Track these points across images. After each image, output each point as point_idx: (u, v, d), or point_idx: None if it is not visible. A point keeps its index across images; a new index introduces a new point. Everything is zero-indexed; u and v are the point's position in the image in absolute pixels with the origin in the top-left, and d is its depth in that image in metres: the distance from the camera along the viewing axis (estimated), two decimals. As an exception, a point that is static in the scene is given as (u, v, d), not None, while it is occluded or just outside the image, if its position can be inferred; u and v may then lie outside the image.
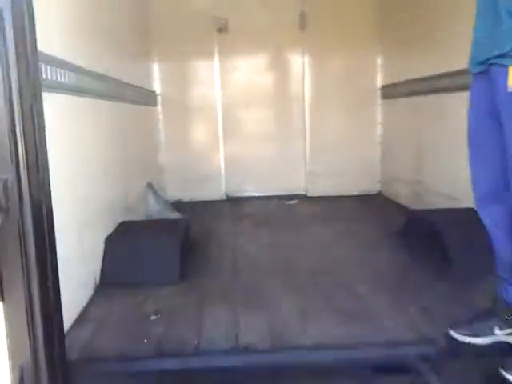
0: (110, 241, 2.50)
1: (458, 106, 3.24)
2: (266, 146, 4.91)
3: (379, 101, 4.79)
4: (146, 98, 4.20)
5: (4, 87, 1.24)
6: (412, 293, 2.21)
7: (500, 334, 1.65)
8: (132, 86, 3.54)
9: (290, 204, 4.58)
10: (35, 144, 1.36)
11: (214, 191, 4.82)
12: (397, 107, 4.43)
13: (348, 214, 4.08)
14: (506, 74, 1.40)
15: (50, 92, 1.84)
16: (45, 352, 1.39)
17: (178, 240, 2.54)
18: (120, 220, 2.92)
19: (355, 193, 4.85)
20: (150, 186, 3.90)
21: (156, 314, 2.05)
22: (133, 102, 3.55)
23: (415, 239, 2.96)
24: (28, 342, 1.35)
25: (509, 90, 1.40)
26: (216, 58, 4.69)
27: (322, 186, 4.88)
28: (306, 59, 4.72)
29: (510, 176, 1.49)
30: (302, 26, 4.64)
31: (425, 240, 2.84)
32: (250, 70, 4.78)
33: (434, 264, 2.55)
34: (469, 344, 1.68)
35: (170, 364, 1.66)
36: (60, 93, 2.01)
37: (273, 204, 4.57)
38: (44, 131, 1.40)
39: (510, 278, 1.62)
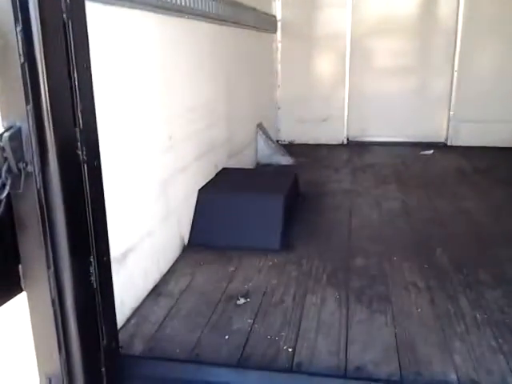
0: (203, 194, 2.09)
1: None
2: (399, 82, 4.11)
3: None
4: (264, 22, 3.62)
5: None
6: None
7: None
8: (248, 7, 2.98)
9: (425, 154, 3.80)
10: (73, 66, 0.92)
11: (334, 133, 4.20)
12: None
13: (499, 173, 3.23)
14: None
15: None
16: (82, 358, 1.03)
17: (283, 200, 2.05)
18: (223, 165, 2.53)
19: (509, 145, 3.90)
20: (260, 126, 3.43)
21: (245, 298, 1.62)
22: (246, 26, 3.01)
23: None
24: (57, 346, 1.00)
25: None
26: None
27: (466, 134, 4.01)
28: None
29: None
30: None
31: None
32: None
33: None
34: None
35: (252, 379, 1.23)
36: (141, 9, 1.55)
37: (404, 153, 3.83)
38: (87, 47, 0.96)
39: None
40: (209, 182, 2.26)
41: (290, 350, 1.34)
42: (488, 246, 2.03)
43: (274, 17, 3.97)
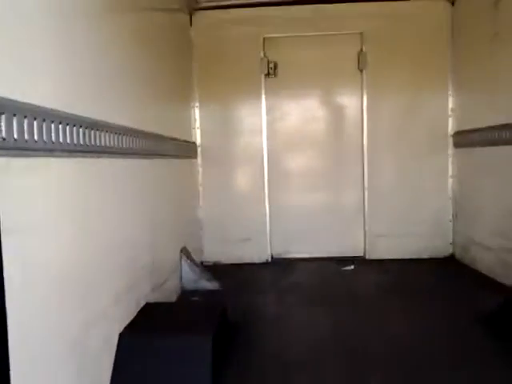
0: (123, 340, 1.94)
1: None
2: (317, 199, 4.30)
3: (451, 150, 4.13)
4: (185, 150, 3.73)
5: None
6: None
7: None
8: (168, 138, 3.07)
9: (347, 270, 3.91)
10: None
11: (258, 252, 4.22)
12: (475, 158, 3.74)
13: (419, 287, 3.36)
14: None
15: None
16: None
17: (211, 342, 1.94)
18: (146, 299, 2.40)
19: (422, 256, 4.14)
20: (184, 251, 3.37)
21: None
22: (168, 156, 3.08)
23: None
24: None
25: None
26: (263, 104, 4.19)
27: (383, 247, 4.20)
28: (365, 103, 4.14)
29: None
30: (361, 66, 4.10)
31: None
32: (299, 116, 4.25)
33: None
34: None
35: None
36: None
37: (326, 269, 3.92)
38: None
39: None
40: (131, 322, 2.11)
41: None
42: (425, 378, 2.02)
43: (194, 143, 4.12)
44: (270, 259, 4.24)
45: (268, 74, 4.16)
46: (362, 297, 3.16)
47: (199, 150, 4.19)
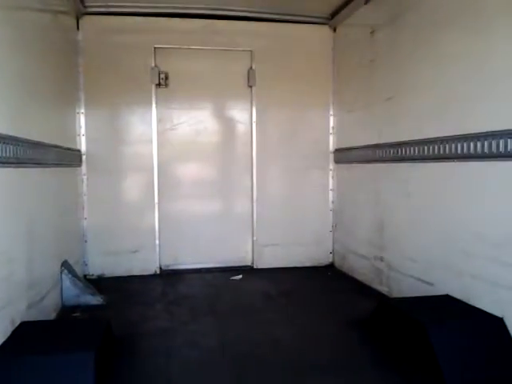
0: (-5, 362, 1.79)
1: (425, 176, 2.97)
2: (207, 210, 4.34)
3: (332, 165, 4.44)
4: (68, 157, 3.55)
5: None
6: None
7: None
8: (49, 145, 2.90)
9: (235, 280, 3.99)
10: None
11: (146, 264, 4.15)
12: (352, 173, 4.07)
13: (301, 294, 3.55)
14: None
15: None
16: None
17: (93, 355, 1.87)
18: (22, 318, 2.23)
19: (305, 264, 4.39)
20: (65, 265, 3.20)
21: None
22: (48, 164, 2.90)
23: (389, 334, 2.48)
24: None
25: None
26: (154, 114, 4.15)
27: (269, 257, 4.37)
28: (254, 118, 4.30)
29: None
30: (251, 82, 4.25)
31: (401, 337, 2.36)
32: (191, 128, 4.27)
33: (420, 379, 2.06)
34: None
35: None
36: None
37: (215, 280, 3.96)
38: None
39: None
40: (4, 343, 1.95)
41: None
42: (299, 375, 2.14)
43: (79, 151, 3.94)
44: (158, 271, 4.18)
45: (159, 84, 4.13)
46: (248, 305, 3.25)
47: (84, 157, 4.01)
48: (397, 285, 3.25)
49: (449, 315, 2.32)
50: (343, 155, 4.22)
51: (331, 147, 4.44)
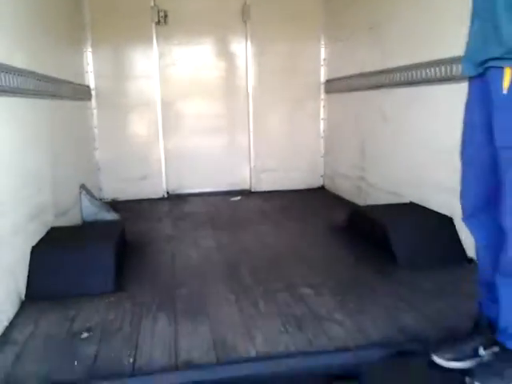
0: (36, 251, 2.28)
1: (399, 102, 3.32)
2: (208, 140, 4.74)
3: (323, 95, 4.77)
4: (79, 92, 3.93)
5: None
6: (360, 296, 2.15)
7: (485, 354, 1.54)
8: (62, 80, 3.28)
9: (234, 201, 4.47)
10: None
11: (154, 189, 4.62)
12: (340, 102, 4.42)
13: (292, 210, 4.03)
14: (503, 76, 1.32)
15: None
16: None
17: (112, 246, 2.36)
18: (52, 224, 2.71)
19: (299, 187, 4.82)
20: (83, 187, 3.66)
21: (88, 331, 1.87)
22: (61, 97, 3.29)
23: (359, 235, 2.95)
24: None
25: (502, 93, 1.33)
26: (155, 50, 4.47)
27: (266, 181, 4.81)
28: (249, 52, 4.60)
29: (500, 190, 1.41)
30: (245, 18, 4.51)
31: (369, 236, 2.83)
32: (190, 63, 4.59)
33: (378, 261, 2.54)
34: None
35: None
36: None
37: (216, 201, 4.44)
38: None
39: (491, 294, 1.56)
40: (40, 240, 2.44)
41: (132, 360, 1.66)
42: (283, 266, 2.62)
43: (88, 87, 4.31)
44: (165, 195, 4.66)
45: (159, 22, 4.41)
46: (244, 219, 3.73)
47: (94, 93, 4.38)
48: (372, 198, 3.69)
49: (405, 216, 2.78)
50: (333, 85, 4.54)
51: (322, 78, 4.75)
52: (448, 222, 2.62)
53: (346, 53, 4.18)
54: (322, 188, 4.88)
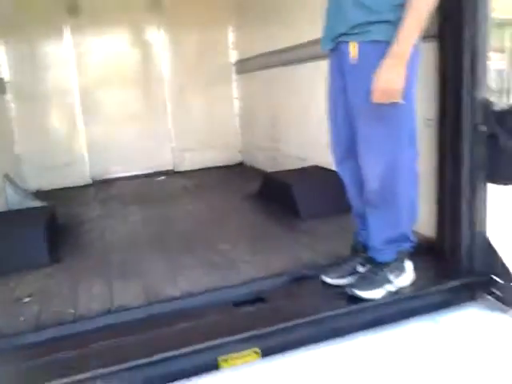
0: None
1: (300, 77, 3.70)
2: (129, 125, 4.90)
3: (234, 76, 5.09)
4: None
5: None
6: (267, 243, 2.53)
7: (362, 270, 1.96)
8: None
9: (159, 181, 4.71)
10: None
11: (79, 176, 4.74)
12: (251, 81, 4.76)
13: (214, 184, 4.35)
14: (350, 49, 1.70)
15: None
16: None
17: (43, 222, 2.57)
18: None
19: (219, 164, 5.14)
20: (6, 176, 3.75)
21: (29, 296, 2.10)
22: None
23: (270, 198, 3.33)
24: None
25: (351, 62, 1.71)
26: (69, 40, 4.56)
27: (187, 161, 5.09)
28: (163, 39, 4.83)
29: (357, 139, 1.80)
30: (156, 4, 4.70)
31: (277, 197, 3.22)
32: (106, 52, 4.73)
33: (285, 217, 2.94)
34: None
35: (48, 334, 1.76)
36: None
37: (141, 182, 4.66)
38: None
39: (362, 223, 1.96)
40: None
41: (73, 311, 1.92)
42: (204, 230, 2.94)
43: (2, 79, 4.33)
44: (91, 181, 4.80)
45: (71, 12, 4.48)
46: (168, 195, 4.01)
47: (8, 85, 4.41)
48: (285, 166, 4.07)
49: (307, 176, 3.19)
50: (243, 66, 4.87)
51: (233, 59, 5.07)
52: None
53: (254, 34, 4.52)
54: (240, 163, 5.23)
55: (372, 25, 1.62)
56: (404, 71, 1.58)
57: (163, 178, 4.79)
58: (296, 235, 2.60)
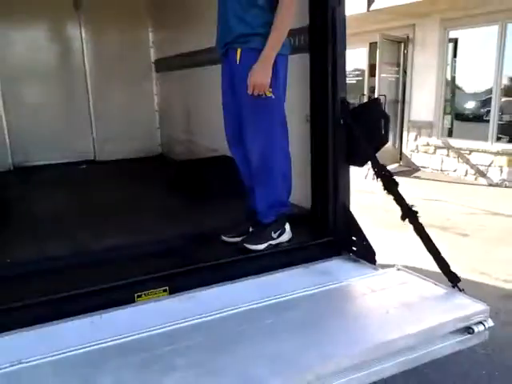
0: None
1: (211, 77, 4.17)
2: (51, 115, 5.16)
3: (154, 74, 5.49)
4: None
5: None
6: (171, 218, 2.99)
7: (252, 229, 2.47)
8: None
9: (80, 169, 5.00)
10: None
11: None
12: (168, 79, 5.20)
13: (132, 174, 4.69)
14: (235, 54, 2.22)
15: None
16: None
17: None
18: None
19: (139, 155, 5.49)
20: None
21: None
22: None
23: (184, 182, 3.80)
24: None
25: (236, 64, 2.23)
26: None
27: (108, 152, 5.40)
28: (84, 36, 5.14)
29: (243, 127, 2.33)
30: (77, 4, 4.98)
31: (189, 182, 3.70)
32: (28, 46, 4.94)
33: (190, 196, 3.42)
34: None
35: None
36: None
37: (64, 170, 4.91)
38: None
39: (253, 194, 2.46)
40: None
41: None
42: (119, 213, 3.35)
43: None
44: (11, 168, 4.97)
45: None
46: (92, 180, 4.35)
47: None
48: (198, 156, 4.56)
49: (210, 163, 3.71)
50: (161, 65, 5.30)
51: (152, 59, 5.47)
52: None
53: (171, 35, 4.95)
54: (160, 155, 5.64)
55: (250, 36, 2.18)
56: (270, 71, 2.15)
57: (84, 166, 5.08)
58: (202, 209, 3.10)
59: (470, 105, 8.37)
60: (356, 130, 2.44)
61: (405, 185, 2.60)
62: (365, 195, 5.83)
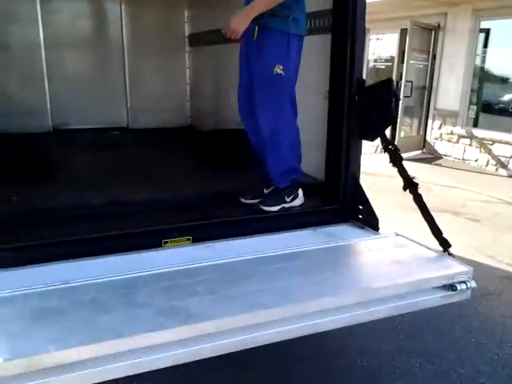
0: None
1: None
2: (90, 83, 5.46)
3: (188, 48, 5.75)
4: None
5: None
6: (196, 180, 3.29)
7: (266, 192, 2.74)
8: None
9: (114, 134, 5.34)
10: None
11: (40, 124, 5.20)
12: (201, 54, 5.45)
13: (162, 142, 4.97)
14: (253, 30, 2.41)
15: None
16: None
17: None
18: None
19: (170, 126, 5.77)
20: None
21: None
22: None
23: (209, 151, 4.08)
24: None
25: (253, 40, 2.44)
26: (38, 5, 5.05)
27: (141, 120, 5.71)
28: (124, 8, 5.43)
29: (254, 100, 2.56)
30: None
31: (214, 151, 3.97)
32: (70, 16, 5.26)
33: (218, 165, 3.69)
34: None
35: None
36: None
37: (99, 134, 5.24)
38: None
39: (264, 160, 2.72)
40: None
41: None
42: (150, 174, 3.65)
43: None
44: (51, 129, 5.34)
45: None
46: (125, 145, 4.68)
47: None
48: (224, 127, 4.81)
49: (226, 134, 4.00)
50: (194, 40, 5.55)
51: (187, 33, 5.73)
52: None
53: (205, 12, 5.18)
54: (189, 126, 5.93)
55: (268, 16, 2.35)
56: (246, 23, 2.32)
57: (117, 132, 5.41)
58: (224, 174, 3.38)
59: (497, 96, 8.37)
60: (369, 106, 2.66)
61: (426, 171, 2.80)
62: (384, 179, 6.02)
